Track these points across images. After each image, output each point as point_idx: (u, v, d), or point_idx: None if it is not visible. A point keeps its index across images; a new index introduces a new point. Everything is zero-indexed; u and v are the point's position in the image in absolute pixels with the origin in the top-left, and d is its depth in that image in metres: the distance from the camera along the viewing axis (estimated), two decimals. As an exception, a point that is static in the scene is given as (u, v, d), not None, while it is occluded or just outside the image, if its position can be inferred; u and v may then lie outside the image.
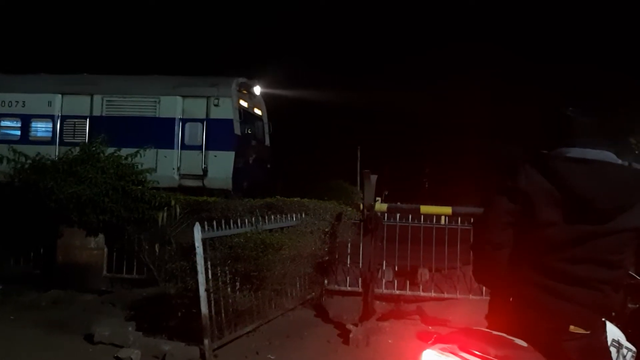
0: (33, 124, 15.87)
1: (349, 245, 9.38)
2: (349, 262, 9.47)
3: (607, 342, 2.59)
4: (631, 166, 2.49)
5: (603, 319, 2.54)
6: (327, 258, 8.82)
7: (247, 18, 34.80)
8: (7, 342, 6.65)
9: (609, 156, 2.51)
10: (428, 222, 9.02)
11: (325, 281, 9.14)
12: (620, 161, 2.51)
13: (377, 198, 7.76)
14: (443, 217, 8.96)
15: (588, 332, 2.45)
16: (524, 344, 2.39)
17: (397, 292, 9.11)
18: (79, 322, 7.28)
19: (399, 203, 9.97)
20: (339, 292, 9.25)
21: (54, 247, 9.42)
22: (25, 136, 15.60)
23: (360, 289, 8.80)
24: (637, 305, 3.47)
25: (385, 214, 8.82)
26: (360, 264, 8.95)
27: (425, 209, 8.06)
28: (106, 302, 8.43)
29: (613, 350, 3.00)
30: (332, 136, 27.99)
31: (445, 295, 8.95)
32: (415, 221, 9.25)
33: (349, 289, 9.25)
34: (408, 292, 9.13)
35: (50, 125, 15.71)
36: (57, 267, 9.38)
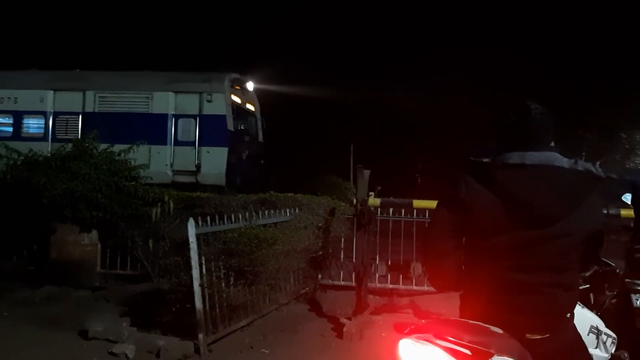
0: (25, 121, 15.80)
1: (343, 240, 9.43)
2: (342, 257, 9.52)
3: (574, 337, 2.63)
4: (573, 167, 2.47)
5: (567, 315, 2.56)
6: (320, 253, 8.85)
7: (240, 14, 34.71)
8: (1, 339, 6.66)
9: (551, 158, 2.49)
10: (421, 217, 9.07)
11: (319, 276, 9.18)
12: (565, 161, 2.49)
13: (371, 193, 7.78)
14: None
15: (547, 336, 2.47)
16: (499, 331, 2.43)
17: (391, 286, 9.17)
18: (73, 318, 7.28)
19: (391, 198, 9.97)
20: (332, 286, 9.30)
21: (47, 243, 9.40)
22: (18, 133, 15.53)
23: (353, 284, 8.82)
24: (614, 292, 3.53)
25: (379, 209, 8.86)
26: (354, 259, 8.99)
27: (417, 203, 8.09)
28: (100, 298, 8.44)
29: (592, 336, 3.06)
30: (325, 132, 28.02)
31: (442, 291, 8.98)
32: (408, 216, 9.30)
33: (342, 283, 9.30)
34: (401, 286, 9.19)
35: (42, 121, 15.65)
36: (51, 264, 9.37)
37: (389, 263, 9.53)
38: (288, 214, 8.55)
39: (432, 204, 8.82)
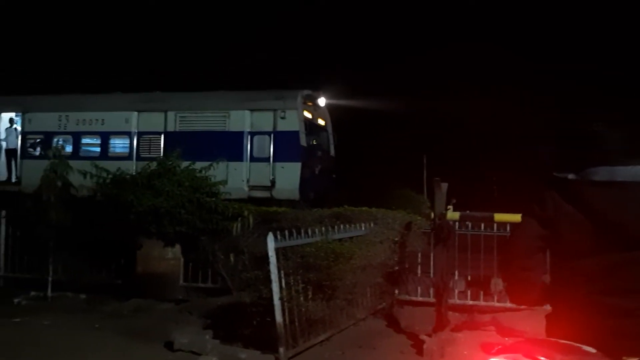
0: (112, 141, 16.73)
1: (419, 254, 9.29)
2: (419, 272, 9.38)
3: None
4: None
5: None
6: (397, 268, 8.78)
7: (309, 30, 35.29)
8: (93, 350, 7.02)
9: None
10: (502, 231, 8.79)
11: (396, 291, 9.09)
12: None
13: (449, 206, 7.64)
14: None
15: None
16: (593, 350, 2.30)
17: (471, 302, 8.93)
18: (158, 330, 7.57)
19: (468, 211, 9.75)
20: (409, 302, 9.17)
21: (134, 257, 9.84)
22: (105, 152, 16.46)
23: (432, 299, 8.68)
24: None
25: (457, 223, 8.68)
26: (432, 274, 8.84)
27: (499, 217, 7.87)
28: (184, 310, 8.72)
29: None
30: (396, 144, 27.83)
31: (522, 305, 8.66)
32: (488, 230, 9.05)
33: (420, 299, 9.15)
34: (482, 303, 8.93)
35: (127, 141, 16.51)
36: (137, 277, 9.80)
37: (469, 278, 9.27)
38: (363, 228, 8.53)
39: (514, 217, 8.60)
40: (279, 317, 6.27)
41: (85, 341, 7.24)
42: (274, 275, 6.35)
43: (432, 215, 7.88)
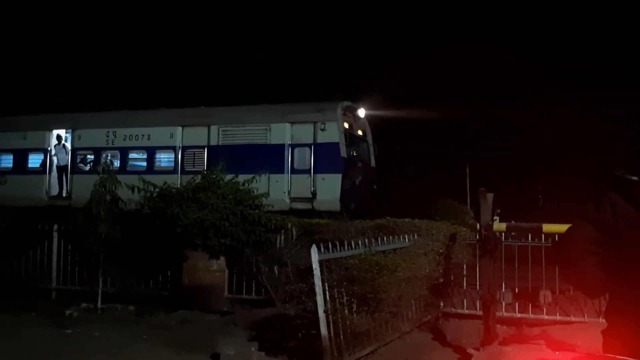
0: (157, 155, 17.13)
1: (465, 266, 9.16)
2: (465, 284, 9.23)
3: None
4: None
5: None
6: (442, 280, 8.68)
7: (349, 41, 35.41)
8: (143, 360, 7.18)
9: None
10: (549, 242, 8.58)
11: (441, 303, 8.97)
12: None
13: (495, 217, 7.50)
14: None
15: None
16: None
17: (519, 315, 8.74)
18: (205, 341, 7.68)
19: (513, 222, 9.55)
20: (455, 314, 9.04)
21: (180, 269, 10.01)
22: (151, 166, 16.85)
23: (478, 312, 8.53)
24: None
25: (503, 234, 8.53)
26: (478, 286, 8.69)
27: (548, 227, 7.69)
28: (229, 322, 8.81)
29: None
30: (438, 154, 27.53)
31: (572, 318, 8.46)
32: (536, 240, 8.85)
33: (466, 311, 9.01)
34: (530, 315, 8.74)
35: (172, 155, 16.88)
36: (183, 289, 9.96)
37: (516, 291, 9.07)
38: (407, 240, 8.47)
39: (563, 228, 8.40)
40: (324, 329, 6.26)
41: (134, 352, 7.41)
42: (318, 288, 6.36)
43: (478, 226, 7.76)
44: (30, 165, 18.24)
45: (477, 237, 8.24)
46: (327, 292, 6.50)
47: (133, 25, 34.19)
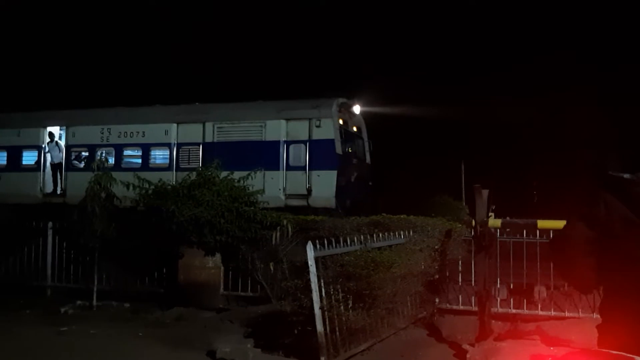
0: (152, 152, 17.09)
1: (460, 262, 9.18)
2: (460, 280, 9.26)
3: None
4: None
5: None
6: (437, 276, 8.69)
7: (340, 35, 35.36)
8: (138, 358, 7.16)
9: None
10: (544, 238, 8.61)
11: (437, 300, 8.99)
12: None
13: (491, 214, 7.52)
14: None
15: None
16: None
17: (514, 311, 8.76)
18: (201, 338, 7.68)
19: (507, 218, 9.59)
20: (451, 310, 9.06)
21: (176, 267, 10.01)
22: (146, 163, 16.81)
23: (473, 308, 8.57)
24: None
25: (498, 230, 8.55)
26: (473, 282, 8.73)
27: (543, 224, 7.72)
28: (225, 319, 8.81)
29: None
30: (433, 150, 27.58)
31: (567, 314, 8.49)
32: (531, 237, 8.88)
33: (461, 307, 9.03)
34: (525, 311, 8.76)
35: (167, 152, 16.84)
36: (179, 286, 9.95)
37: (511, 287, 9.11)
38: (402, 237, 8.49)
39: (558, 224, 8.42)
40: (319, 326, 6.27)
41: (130, 350, 7.40)
42: (314, 284, 6.37)
43: (473, 222, 7.79)
44: (24, 162, 18.16)
45: (473, 233, 8.26)
46: (322, 289, 6.51)
47: (128, 21, 34.07)
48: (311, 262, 6.45)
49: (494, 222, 7.71)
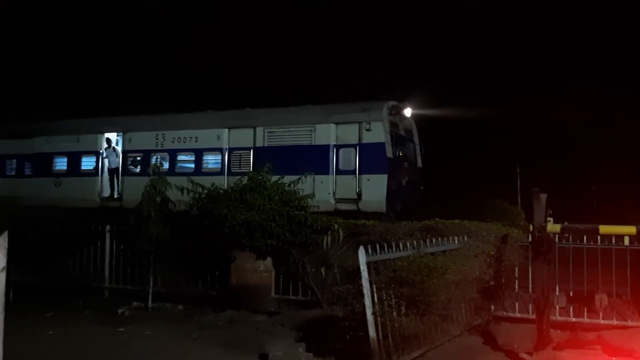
0: (205, 157, 17.39)
1: (516, 269, 8.92)
2: (517, 287, 8.99)
3: None
4: None
5: None
6: (492, 283, 8.47)
7: (392, 39, 35.08)
8: None
9: None
10: (606, 243, 8.26)
11: (492, 307, 8.76)
12: None
13: (549, 219, 7.26)
14: (626, 238, 8.17)
15: None
16: None
17: (573, 319, 8.48)
18: (252, 341, 7.73)
19: (566, 223, 9.24)
20: (507, 318, 8.83)
21: (228, 270, 10.12)
22: (199, 168, 17.13)
23: (531, 316, 8.32)
24: None
25: (557, 235, 8.26)
26: (530, 289, 8.47)
27: (605, 229, 7.40)
28: (276, 323, 8.84)
29: None
30: (487, 154, 26.92)
31: (630, 323, 8.16)
32: (591, 242, 8.54)
33: (518, 315, 8.79)
34: (585, 320, 8.46)
35: (219, 157, 17.10)
36: (231, 289, 10.07)
37: (571, 294, 8.78)
38: (456, 242, 8.31)
39: (624, 229, 8.09)
40: (372, 332, 6.20)
41: (185, 352, 7.52)
42: (366, 290, 6.30)
43: (531, 227, 7.53)
44: (83, 167, 18.80)
45: (530, 238, 8.00)
46: (375, 294, 6.43)
47: (179, 29, 34.92)
48: (363, 267, 6.39)
49: (553, 227, 7.43)
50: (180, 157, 17.59)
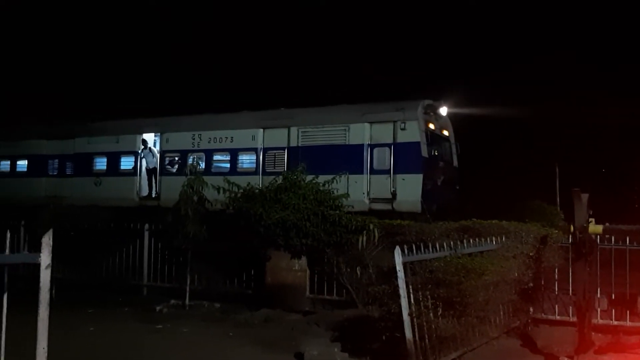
0: (240, 157, 17.57)
1: (556, 270, 8.73)
2: (556, 289, 8.80)
3: None
4: None
5: None
6: (531, 284, 8.31)
7: (427, 36, 34.71)
8: (229, 358, 7.34)
9: None
10: (652, 245, 8.01)
11: (531, 309, 8.60)
12: None
13: (591, 219, 7.07)
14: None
15: None
16: None
17: (615, 322, 8.27)
18: (288, 340, 7.77)
19: (607, 224, 8.98)
20: (546, 320, 8.67)
21: (263, 269, 10.20)
22: (234, 168, 17.30)
23: (571, 318, 8.14)
24: None
25: (598, 237, 8.04)
26: (571, 291, 8.28)
27: (650, 230, 7.15)
28: (311, 322, 8.86)
29: None
30: (525, 153, 26.39)
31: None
32: (635, 244, 8.29)
33: (557, 318, 8.62)
34: (628, 323, 8.24)
35: (254, 157, 17.25)
36: (266, 288, 10.15)
37: (612, 297, 8.54)
38: (494, 243, 8.17)
39: (669, 231, 7.80)
40: (408, 333, 6.15)
41: (222, 349, 7.60)
42: (402, 291, 6.25)
43: (572, 228, 7.35)
44: (122, 167, 19.21)
45: (571, 239, 7.82)
46: (411, 295, 6.38)
47: (213, 30, 35.32)
48: (399, 268, 6.34)
49: (595, 228, 7.22)
50: (216, 157, 17.80)
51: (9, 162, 21.05)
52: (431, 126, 16.54)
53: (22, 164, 20.78)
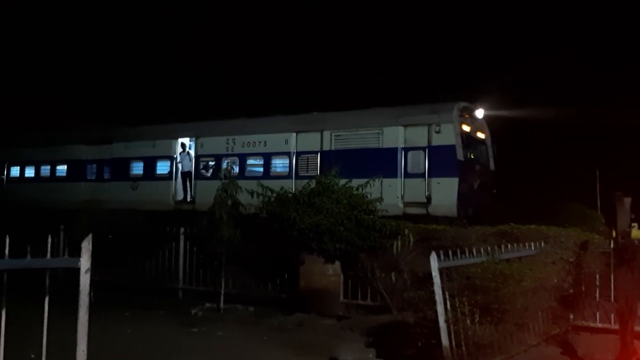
0: (273, 161, 17.65)
1: (597, 276, 8.47)
2: (597, 296, 8.54)
3: None
4: None
5: None
6: (571, 291, 8.09)
7: (463, 39, 34.34)
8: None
9: None
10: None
11: (571, 316, 8.36)
12: None
13: (634, 224, 6.84)
14: None
15: None
16: None
17: (660, 331, 7.91)
18: (322, 345, 7.73)
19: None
20: (587, 328, 8.42)
21: (296, 273, 10.19)
22: (267, 172, 17.39)
23: (613, 326, 7.87)
24: None
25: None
26: (613, 298, 8.01)
27: (697, 235, 6.86)
28: (345, 327, 8.81)
29: None
30: (564, 156, 25.79)
31: None
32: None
33: (599, 325, 8.36)
34: (674, 332, 7.88)
35: (287, 161, 17.30)
36: (299, 292, 10.13)
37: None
38: (533, 248, 7.98)
39: None
40: (444, 339, 6.04)
41: (257, 353, 7.61)
42: (438, 296, 6.15)
43: (614, 233, 7.12)
44: (158, 172, 19.51)
45: (613, 245, 7.57)
46: (447, 301, 6.27)
47: (249, 38, 35.66)
48: (435, 273, 6.24)
49: (638, 232, 6.97)
50: (250, 161, 17.92)
51: (49, 167, 21.62)
52: (467, 129, 16.30)
53: (62, 168, 21.31)
